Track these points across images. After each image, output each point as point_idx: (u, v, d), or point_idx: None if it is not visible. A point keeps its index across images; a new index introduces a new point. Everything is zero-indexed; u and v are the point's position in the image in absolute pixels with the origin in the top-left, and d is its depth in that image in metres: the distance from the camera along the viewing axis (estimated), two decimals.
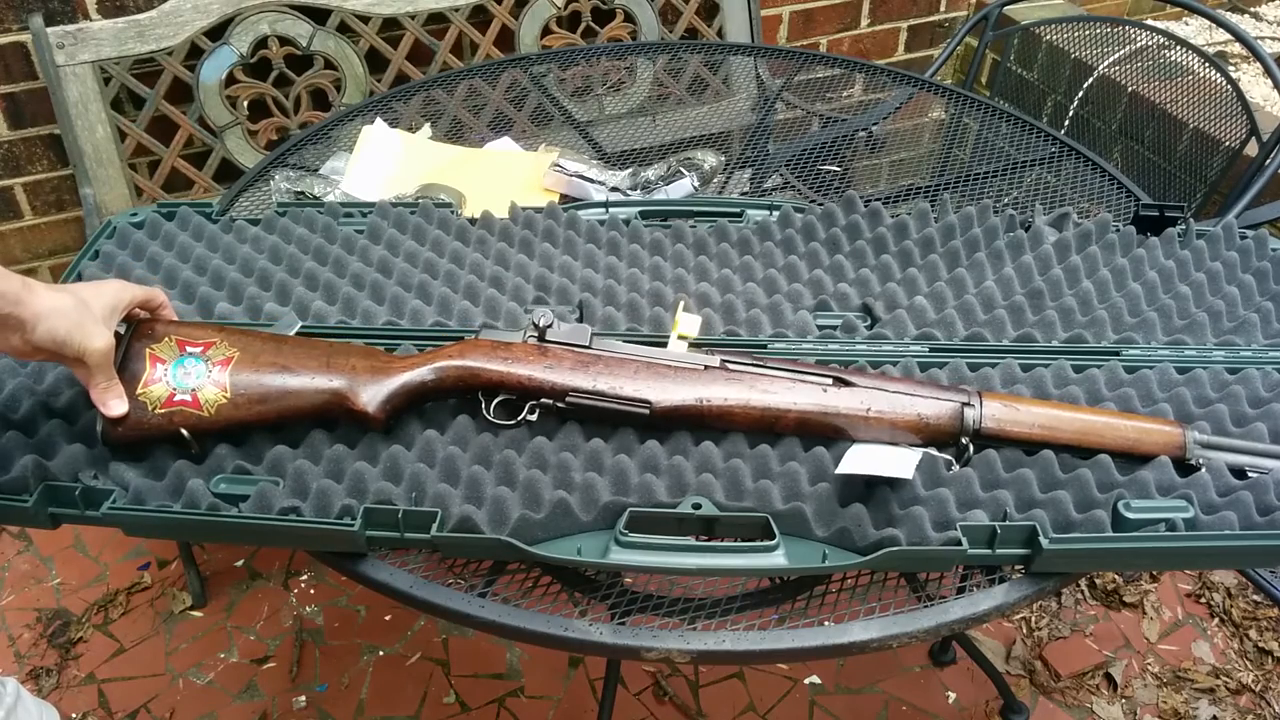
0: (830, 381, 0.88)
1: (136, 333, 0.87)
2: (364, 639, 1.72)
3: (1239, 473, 0.87)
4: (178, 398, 0.84)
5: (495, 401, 0.89)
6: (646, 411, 0.86)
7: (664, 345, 0.90)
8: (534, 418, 0.88)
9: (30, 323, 0.76)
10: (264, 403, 0.86)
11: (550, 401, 0.87)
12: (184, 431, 0.84)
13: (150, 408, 0.84)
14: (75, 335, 0.78)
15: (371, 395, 0.86)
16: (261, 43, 1.79)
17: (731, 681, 1.66)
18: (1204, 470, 0.86)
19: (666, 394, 0.87)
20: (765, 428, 0.87)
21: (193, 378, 0.85)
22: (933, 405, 0.87)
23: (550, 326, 0.89)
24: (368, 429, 0.87)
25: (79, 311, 0.79)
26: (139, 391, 0.84)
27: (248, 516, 0.81)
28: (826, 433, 0.87)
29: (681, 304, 0.98)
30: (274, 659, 1.69)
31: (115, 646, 1.71)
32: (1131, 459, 0.87)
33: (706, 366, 0.89)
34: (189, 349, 0.86)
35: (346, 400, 0.86)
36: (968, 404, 0.87)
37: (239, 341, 0.88)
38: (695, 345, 0.92)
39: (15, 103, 1.75)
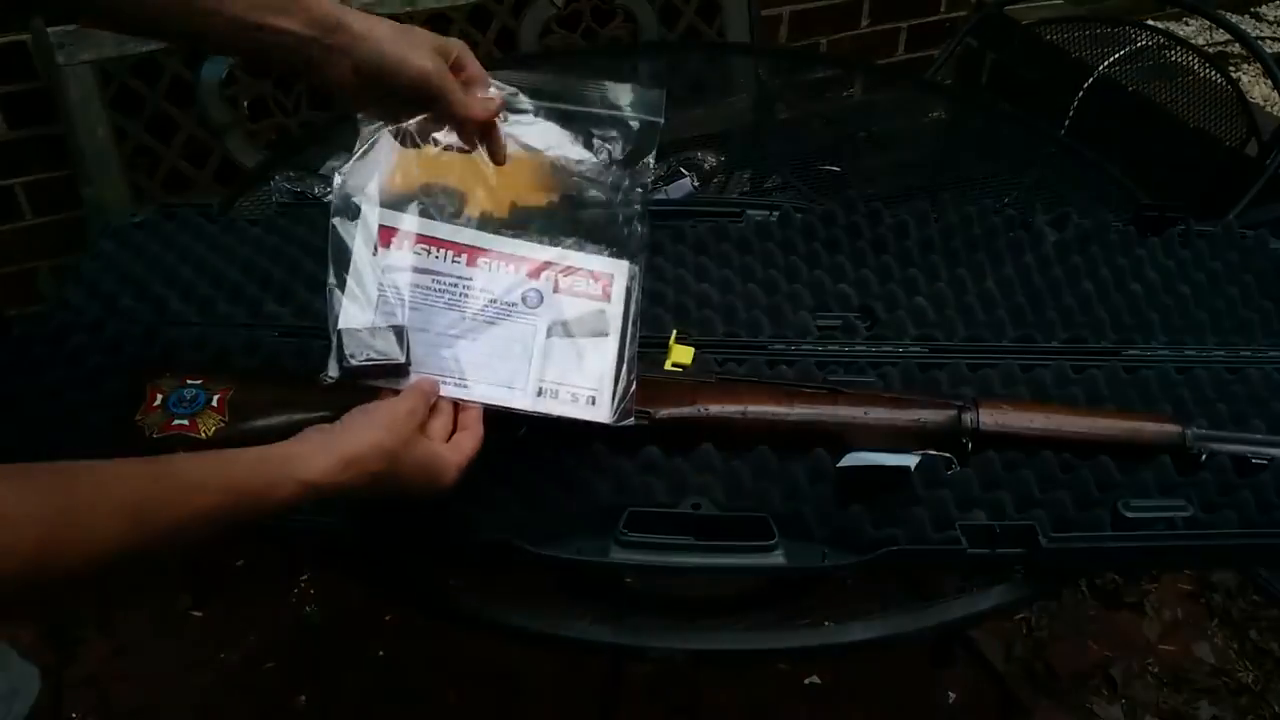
0: (825, 392, 0.89)
1: (141, 373, 0.89)
2: (364, 639, 1.72)
3: (1243, 462, 0.87)
4: (175, 423, 0.85)
5: None
6: (645, 421, 0.86)
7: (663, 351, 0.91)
8: (523, 431, 0.88)
9: (352, 47, 0.76)
10: (264, 428, 0.86)
11: None
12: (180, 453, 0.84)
13: (147, 433, 0.84)
14: (407, 57, 0.78)
15: None
16: None
17: (731, 681, 1.66)
18: (1205, 468, 0.86)
19: (665, 403, 0.87)
20: (763, 435, 0.88)
21: (191, 405, 0.86)
22: (929, 412, 0.87)
23: None
24: None
25: (400, 35, 0.78)
26: (137, 418, 0.85)
27: None
28: (825, 441, 0.88)
29: (675, 334, 0.99)
30: (274, 659, 1.69)
31: (115, 646, 1.71)
32: (1131, 453, 0.87)
33: (703, 381, 0.90)
34: (189, 381, 0.88)
35: None
36: (964, 408, 0.87)
37: (240, 376, 0.90)
38: (697, 346, 0.92)
39: (15, 103, 1.75)
